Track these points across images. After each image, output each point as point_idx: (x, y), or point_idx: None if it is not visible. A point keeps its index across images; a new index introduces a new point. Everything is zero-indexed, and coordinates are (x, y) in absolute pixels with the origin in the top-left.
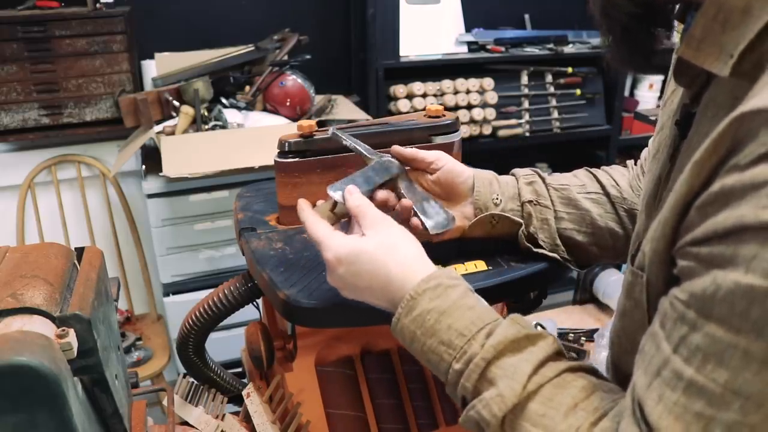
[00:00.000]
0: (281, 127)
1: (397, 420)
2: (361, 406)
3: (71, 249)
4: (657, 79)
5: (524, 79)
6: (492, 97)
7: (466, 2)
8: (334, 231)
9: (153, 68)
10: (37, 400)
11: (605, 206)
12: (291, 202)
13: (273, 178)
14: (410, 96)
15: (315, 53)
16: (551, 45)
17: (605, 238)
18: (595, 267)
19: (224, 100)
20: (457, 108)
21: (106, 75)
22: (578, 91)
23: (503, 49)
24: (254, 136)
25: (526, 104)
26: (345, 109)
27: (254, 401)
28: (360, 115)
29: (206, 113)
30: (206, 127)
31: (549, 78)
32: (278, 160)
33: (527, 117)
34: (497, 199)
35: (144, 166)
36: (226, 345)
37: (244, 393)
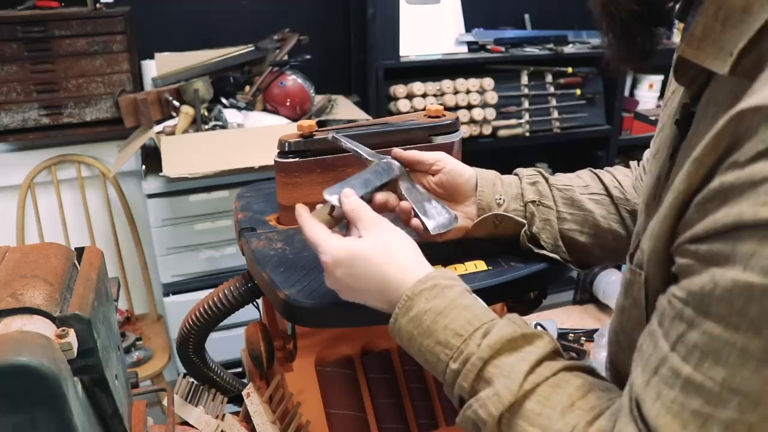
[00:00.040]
0: (281, 127)
1: (397, 420)
2: (361, 406)
3: (71, 249)
4: (657, 79)
5: (524, 79)
6: (492, 97)
7: (466, 2)
8: (331, 234)
9: (153, 68)
10: (37, 400)
11: (608, 207)
12: (291, 202)
13: (273, 178)
14: (410, 96)
15: (315, 53)
16: (551, 45)
17: (607, 239)
18: (595, 267)
19: (224, 100)
20: (457, 108)
21: (106, 75)
22: (578, 91)
23: (503, 49)
24: (254, 136)
25: (526, 104)
26: (345, 109)
27: (254, 401)
28: (360, 115)
29: (206, 113)
30: (206, 127)
31: (549, 78)
32: (278, 160)
33: (527, 117)
34: (500, 200)
35: (144, 166)
36: (226, 345)
37: (244, 393)
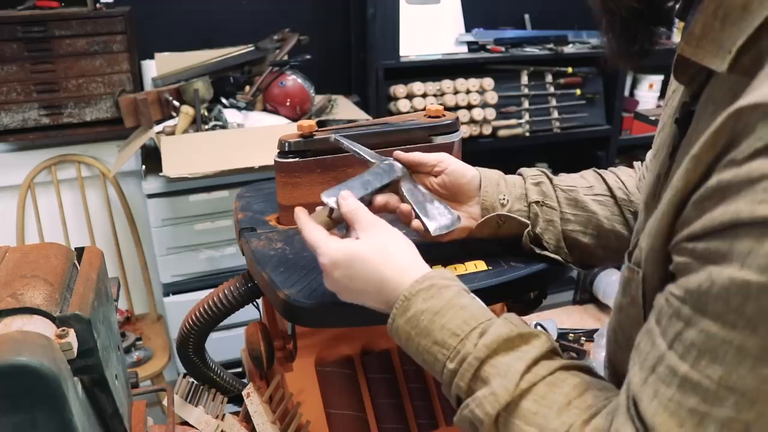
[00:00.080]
0: (281, 127)
1: (397, 420)
2: (361, 406)
3: (71, 249)
4: (657, 79)
5: (524, 79)
6: (492, 97)
7: (466, 2)
8: (329, 236)
9: (153, 68)
10: (37, 400)
11: (612, 208)
12: (291, 202)
13: (273, 178)
14: (410, 96)
15: (315, 53)
16: (551, 45)
17: (611, 240)
18: (596, 267)
19: (224, 100)
20: (457, 108)
21: (106, 75)
22: (578, 91)
23: (503, 49)
24: (254, 136)
25: (526, 104)
26: (345, 109)
27: (254, 401)
28: (360, 115)
29: (206, 113)
30: (206, 127)
31: (549, 78)
32: (278, 160)
33: (527, 117)
34: (504, 200)
35: (144, 166)
36: (226, 345)
37: (244, 393)
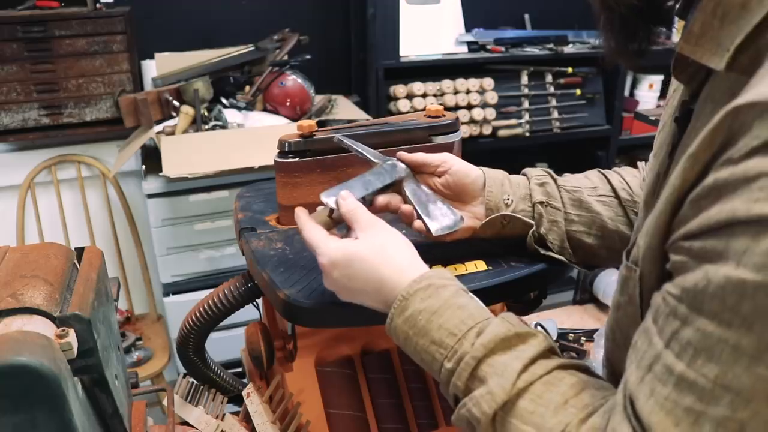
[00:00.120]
0: (281, 127)
1: (397, 420)
2: (361, 406)
3: (71, 249)
4: (657, 79)
5: (524, 79)
6: (492, 97)
7: (466, 2)
8: (329, 236)
9: (153, 68)
10: (37, 400)
11: (616, 209)
12: (291, 202)
13: (273, 178)
14: (410, 96)
15: (315, 53)
16: (551, 45)
17: (614, 241)
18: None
19: (224, 100)
20: (457, 108)
21: (106, 75)
22: (578, 91)
23: (503, 49)
24: (254, 136)
25: (526, 104)
26: (345, 109)
27: (254, 401)
28: (360, 115)
29: (206, 113)
30: (206, 127)
31: (549, 78)
32: (278, 160)
33: (527, 117)
34: (508, 200)
35: (144, 166)
36: (226, 345)
37: (244, 393)
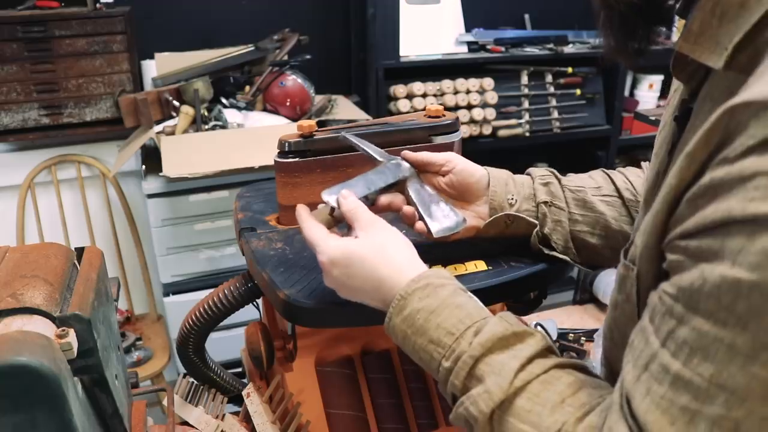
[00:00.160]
0: (281, 127)
1: (397, 420)
2: (361, 406)
3: (71, 249)
4: (657, 79)
5: (524, 79)
6: (492, 97)
7: (466, 2)
8: (329, 234)
9: (153, 68)
10: (37, 400)
11: (619, 209)
12: (291, 202)
13: (273, 178)
14: (410, 96)
15: (315, 53)
16: (551, 45)
17: (618, 241)
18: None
19: (224, 100)
20: (457, 108)
21: (106, 75)
22: (578, 91)
23: (503, 49)
24: (254, 136)
25: (526, 104)
26: (345, 109)
27: (254, 401)
28: (360, 115)
29: (206, 113)
30: (206, 127)
31: (549, 78)
32: (278, 160)
33: (527, 117)
34: (512, 200)
35: (144, 166)
36: (226, 345)
37: (244, 393)
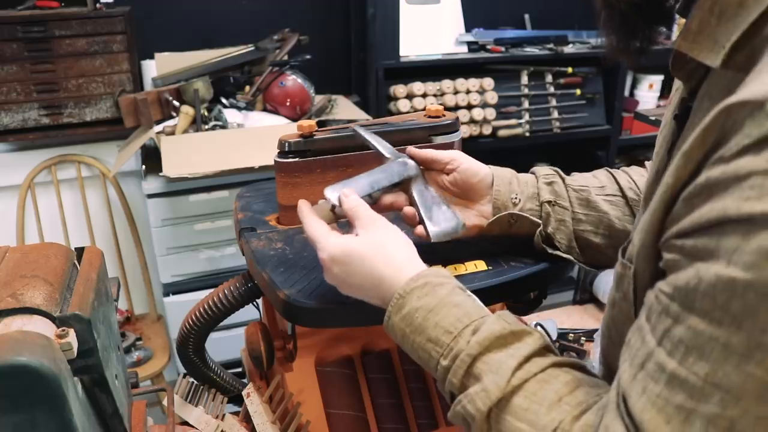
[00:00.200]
0: (281, 127)
1: (397, 420)
2: (361, 406)
3: (71, 249)
4: (657, 79)
5: (524, 79)
6: (492, 97)
7: (466, 2)
8: (330, 231)
9: (153, 68)
10: (37, 400)
11: (623, 209)
12: (291, 202)
13: (273, 178)
14: (410, 96)
15: (315, 53)
16: (551, 45)
17: (621, 241)
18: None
19: (224, 100)
20: (457, 108)
21: (106, 75)
22: (578, 91)
23: (503, 49)
24: (254, 136)
25: (526, 104)
26: (345, 109)
27: (254, 401)
28: (360, 115)
29: (206, 113)
30: (206, 127)
31: (549, 78)
32: (278, 160)
33: (527, 117)
34: (516, 199)
35: (144, 166)
36: (226, 345)
37: (244, 393)
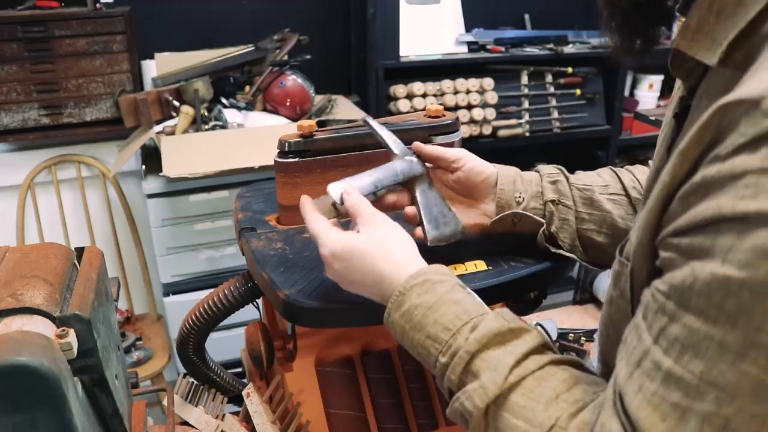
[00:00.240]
0: (281, 127)
1: (397, 420)
2: (361, 406)
3: (71, 249)
4: (657, 79)
5: (524, 79)
6: (492, 97)
7: (466, 2)
8: (331, 227)
9: (153, 68)
10: (37, 400)
11: (626, 208)
12: (291, 202)
13: (273, 178)
14: (410, 96)
15: (315, 53)
16: (551, 45)
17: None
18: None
19: (224, 100)
20: (457, 108)
21: (106, 75)
22: (578, 91)
23: (503, 49)
24: (254, 136)
25: (526, 104)
26: (345, 109)
27: (254, 401)
28: (360, 115)
29: (206, 113)
30: (206, 127)
31: (549, 78)
32: (278, 160)
33: (527, 117)
34: (520, 198)
35: (144, 166)
36: (226, 345)
37: (244, 393)
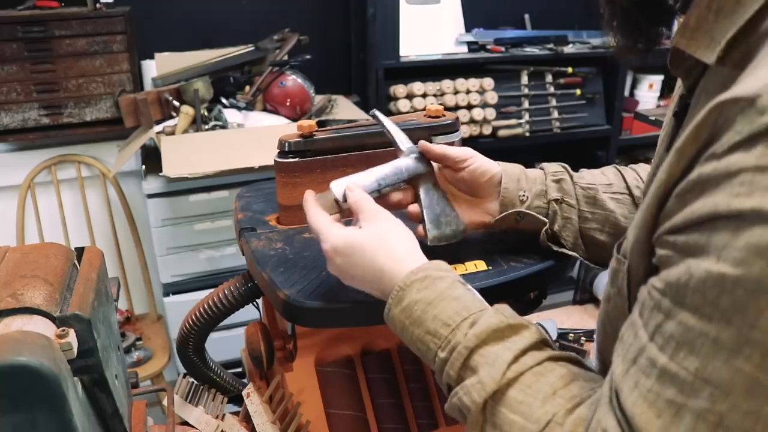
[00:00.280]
0: (281, 127)
1: (397, 420)
2: (361, 406)
3: (71, 249)
4: (657, 79)
5: (524, 79)
6: (492, 97)
7: (466, 2)
8: (333, 223)
9: (153, 68)
10: (37, 400)
11: (629, 207)
12: (291, 202)
13: (273, 178)
14: (410, 96)
15: (315, 53)
16: (551, 45)
17: None
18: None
19: (224, 100)
20: (457, 108)
21: (106, 75)
22: (578, 91)
23: (503, 49)
24: (254, 136)
25: (526, 104)
26: (345, 109)
27: (254, 401)
28: (360, 115)
29: (206, 113)
30: (206, 127)
31: (549, 78)
32: (278, 160)
33: (527, 117)
34: (524, 196)
35: (144, 166)
36: (226, 345)
37: (244, 393)
